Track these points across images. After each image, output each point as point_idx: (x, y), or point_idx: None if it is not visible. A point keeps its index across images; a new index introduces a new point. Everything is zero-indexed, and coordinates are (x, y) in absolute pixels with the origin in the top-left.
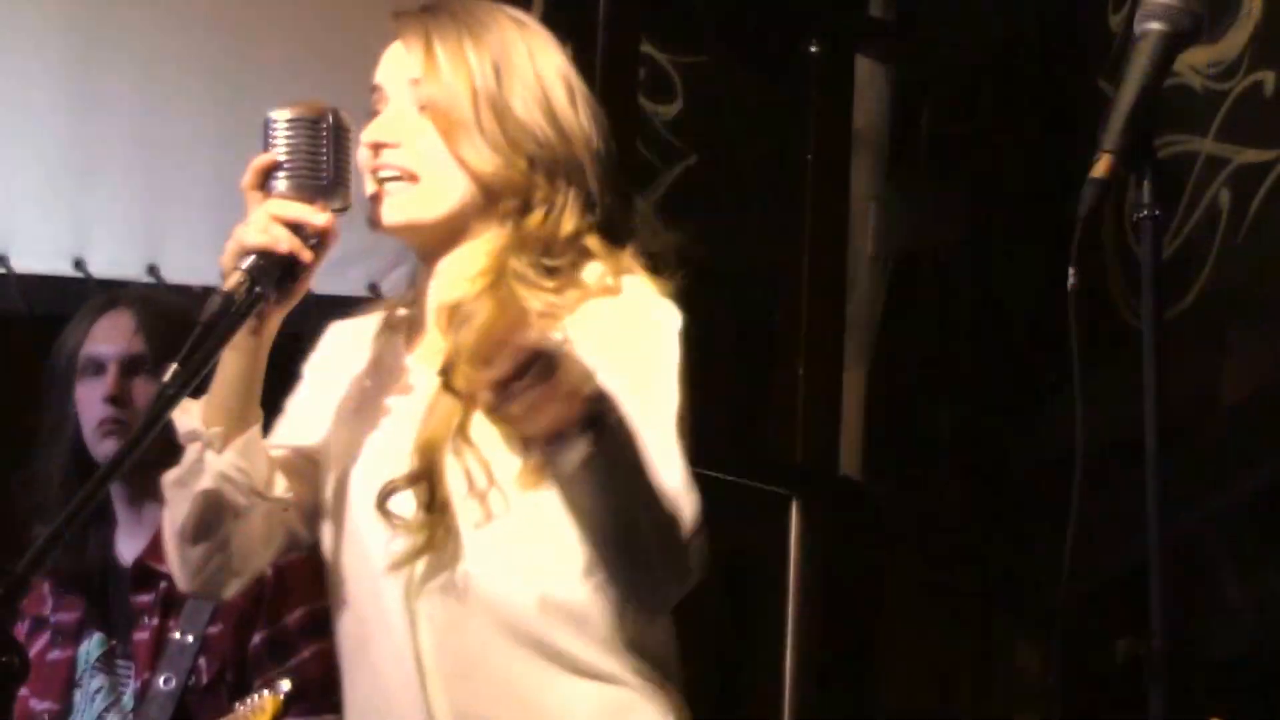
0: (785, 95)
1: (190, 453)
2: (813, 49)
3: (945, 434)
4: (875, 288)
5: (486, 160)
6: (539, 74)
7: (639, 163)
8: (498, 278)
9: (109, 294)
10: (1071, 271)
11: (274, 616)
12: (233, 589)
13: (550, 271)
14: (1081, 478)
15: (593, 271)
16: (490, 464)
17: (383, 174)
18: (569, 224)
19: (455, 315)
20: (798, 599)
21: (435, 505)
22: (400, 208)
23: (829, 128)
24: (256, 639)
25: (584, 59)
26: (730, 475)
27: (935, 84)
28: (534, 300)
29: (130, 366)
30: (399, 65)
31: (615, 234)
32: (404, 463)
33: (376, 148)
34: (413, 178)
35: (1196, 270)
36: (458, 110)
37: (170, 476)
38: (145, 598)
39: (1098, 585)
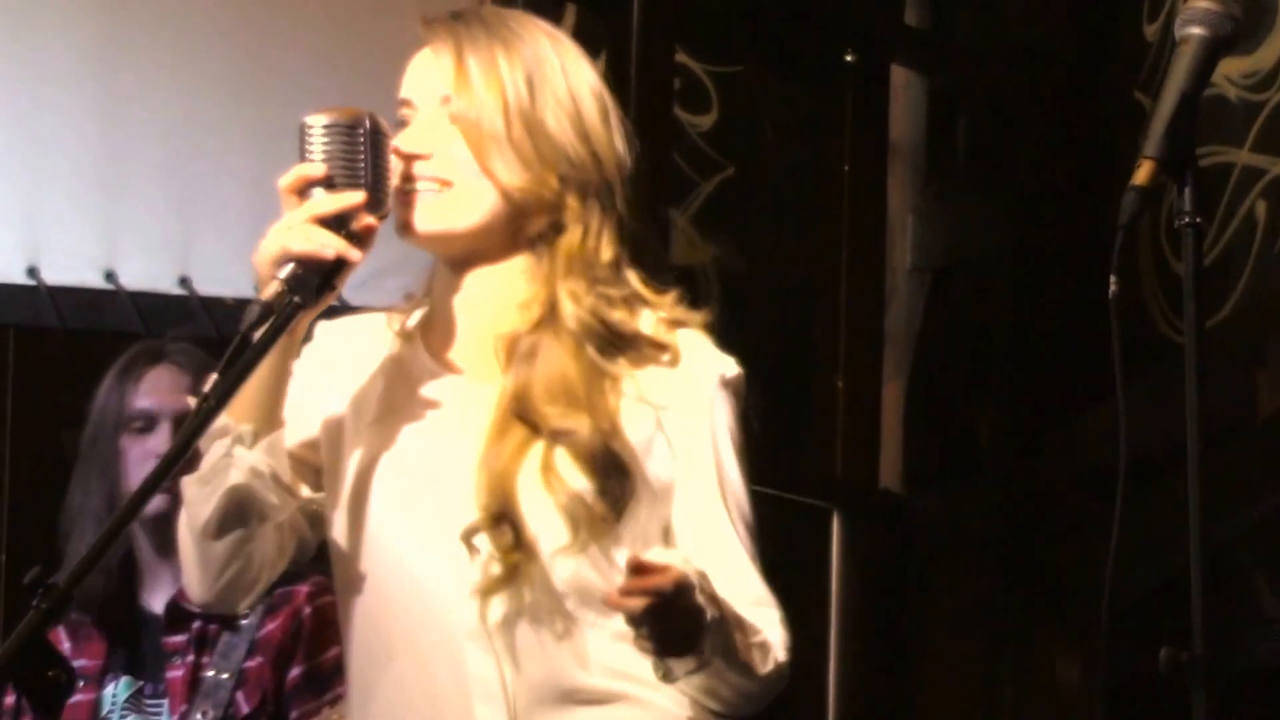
0: (822, 106)
1: (217, 449)
2: (849, 59)
3: (985, 446)
4: (913, 300)
5: (516, 175)
6: (572, 90)
7: (675, 175)
8: (550, 307)
9: (151, 345)
10: (1113, 279)
11: (312, 652)
12: (247, 602)
13: (610, 301)
14: (1125, 487)
15: (646, 321)
16: (585, 500)
17: (416, 184)
18: (608, 249)
19: (514, 347)
20: (839, 612)
21: (521, 547)
22: (433, 216)
23: (865, 139)
24: (294, 672)
25: (619, 70)
26: (770, 489)
27: (972, 94)
28: (579, 322)
29: (182, 423)
30: (428, 75)
31: (649, 263)
32: (465, 487)
33: (408, 159)
34: (446, 184)
35: (1233, 282)
36: (489, 123)
37: (192, 476)
38: (178, 638)
39: (1136, 596)
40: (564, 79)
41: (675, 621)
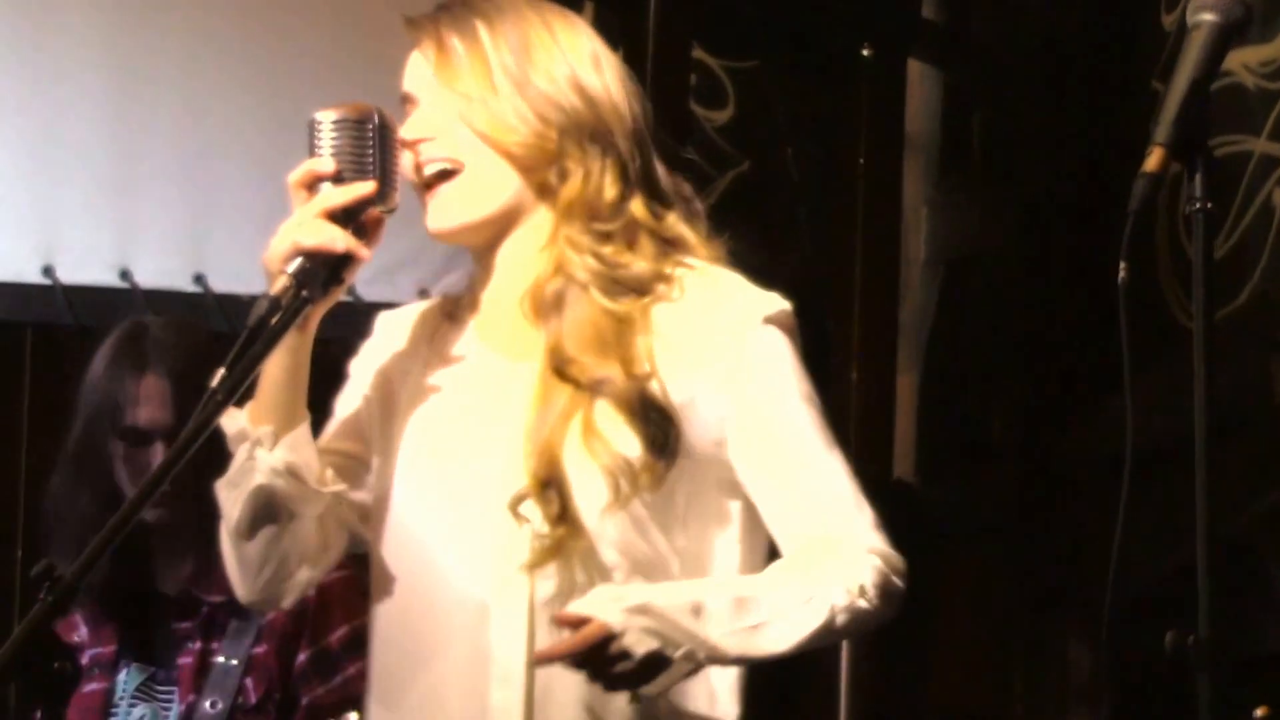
0: (837, 100)
1: (240, 453)
2: (864, 53)
3: (998, 437)
4: (928, 293)
5: (510, 131)
6: (560, 47)
7: (691, 169)
8: (559, 255)
9: (140, 351)
10: (1122, 265)
11: (317, 635)
12: (291, 597)
13: (604, 237)
14: (1130, 475)
15: (645, 250)
16: (629, 460)
17: (427, 170)
18: (611, 190)
19: (540, 300)
20: None
21: (568, 516)
22: (448, 211)
23: (881, 132)
24: (301, 658)
25: (635, 65)
26: None
27: (987, 88)
28: (585, 269)
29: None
30: (421, 66)
31: (661, 199)
32: (511, 459)
33: (413, 145)
34: (456, 164)
35: (1249, 270)
36: (477, 88)
37: (222, 480)
38: (187, 624)
39: (1149, 584)
40: (551, 38)
41: (607, 665)
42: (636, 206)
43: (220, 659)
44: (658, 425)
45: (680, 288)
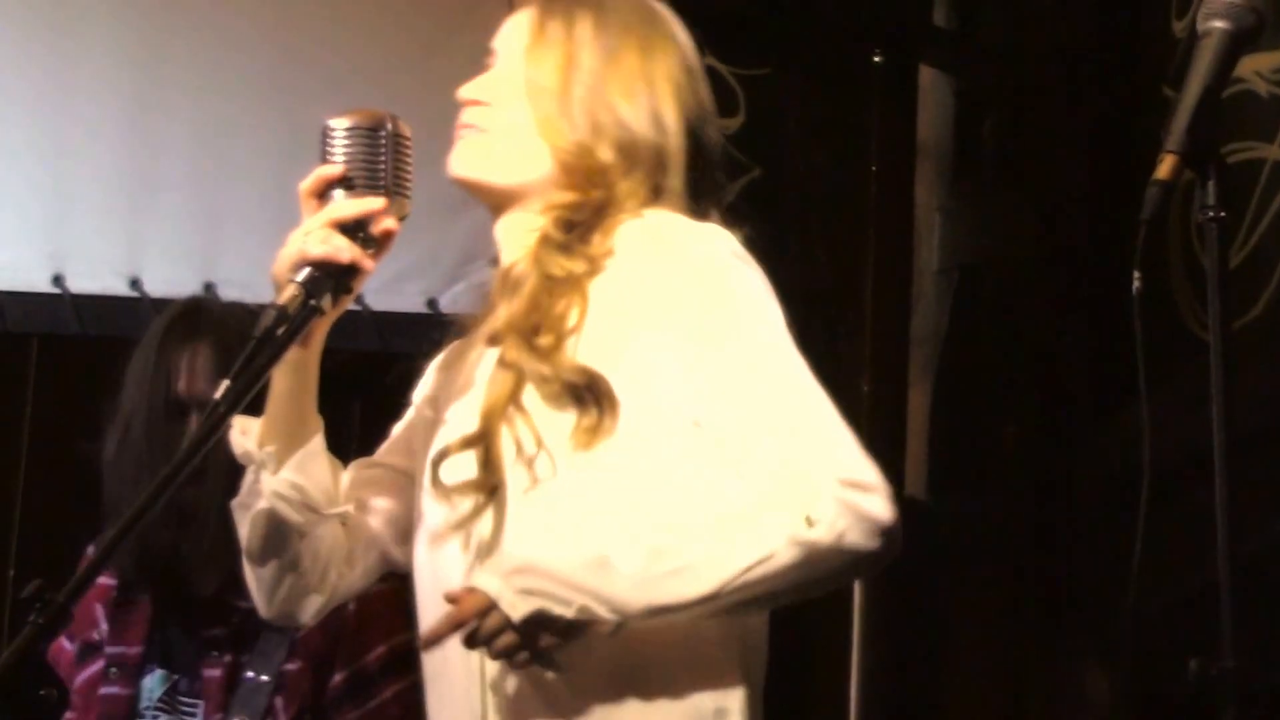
0: (849, 107)
1: (248, 474)
2: (876, 59)
3: (1012, 450)
4: (940, 301)
5: (565, 137)
6: (650, 68)
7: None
8: (539, 246)
9: (193, 324)
10: (1136, 275)
11: (353, 655)
12: (313, 610)
13: (569, 225)
14: (1149, 492)
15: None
16: (540, 430)
17: (462, 130)
18: (628, 204)
19: (507, 282)
20: (863, 619)
21: (490, 465)
22: (466, 161)
23: (893, 139)
24: (336, 678)
25: None
26: None
27: (999, 94)
28: (565, 261)
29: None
30: (515, 29)
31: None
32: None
33: (465, 103)
34: (483, 130)
35: (1265, 279)
36: (549, 78)
37: (235, 501)
38: (217, 630)
39: (1168, 605)
40: (643, 55)
41: (493, 637)
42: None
43: (250, 674)
44: (583, 391)
45: (612, 241)
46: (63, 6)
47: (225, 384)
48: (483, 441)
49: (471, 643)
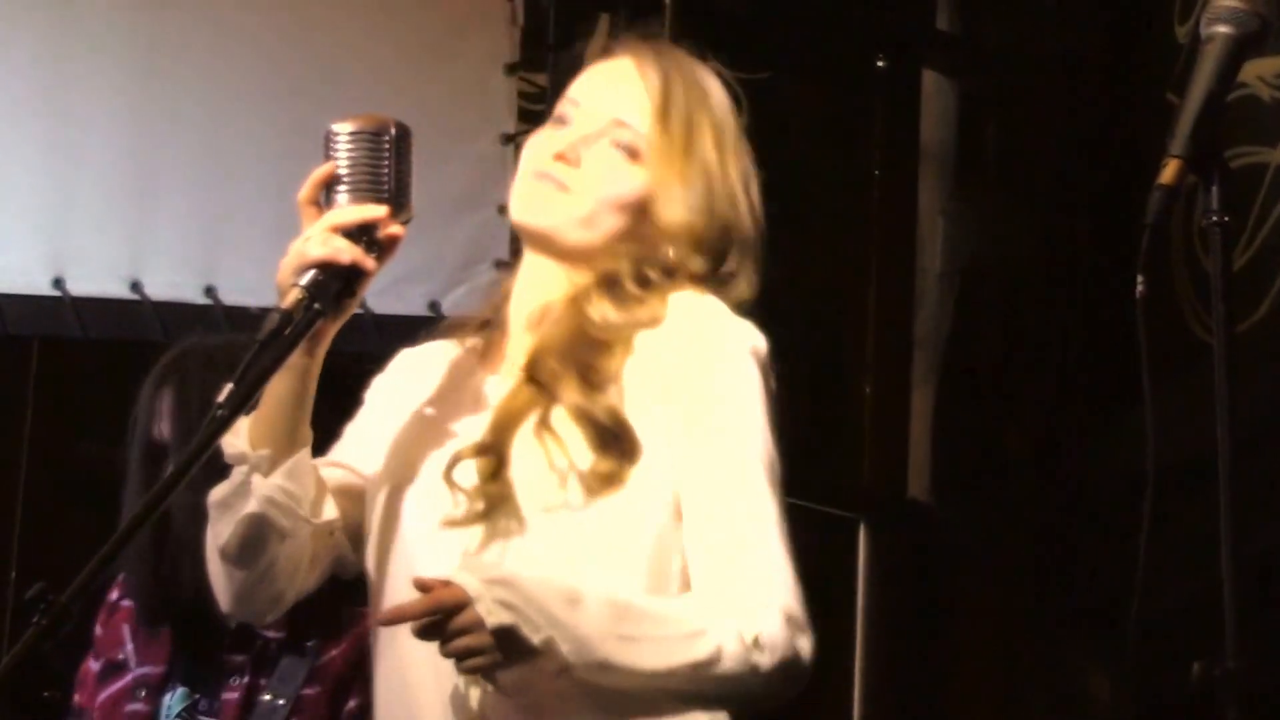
0: (852, 111)
1: (237, 474)
2: (879, 64)
3: (1014, 453)
4: (943, 304)
5: (679, 217)
6: (744, 160)
7: None
8: (590, 287)
9: (177, 363)
10: (1140, 279)
11: (370, 683)
12: (276, 611)
13: (643, 280)
14: (1153, 495)
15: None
16: (572, 458)
17: (545, 181)
18: (739, 288)
19: (544, 316)
20: (866, 622)
21: (499, 476)
22: (549, 213)
23: (896, 143)
24: (351, 704)
25: None
26: (797, 499)
27: (1002, 98)
28: (612, 310)
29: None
30: (612, 94)
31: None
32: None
33: (557, 158)
34: (565, 189)
35: (1268, 282)
36: (677, 164)
37: (216, 496)
38: (239, 657)
39: (1171, 608)
40: (740, 146)
41: (458, 635)
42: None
43: (267, 697)
44: (611, 433)
45: (665, 312)
46: (65, 11)
47: (229, 387)
48: (495, 451)
49: (430, 633)
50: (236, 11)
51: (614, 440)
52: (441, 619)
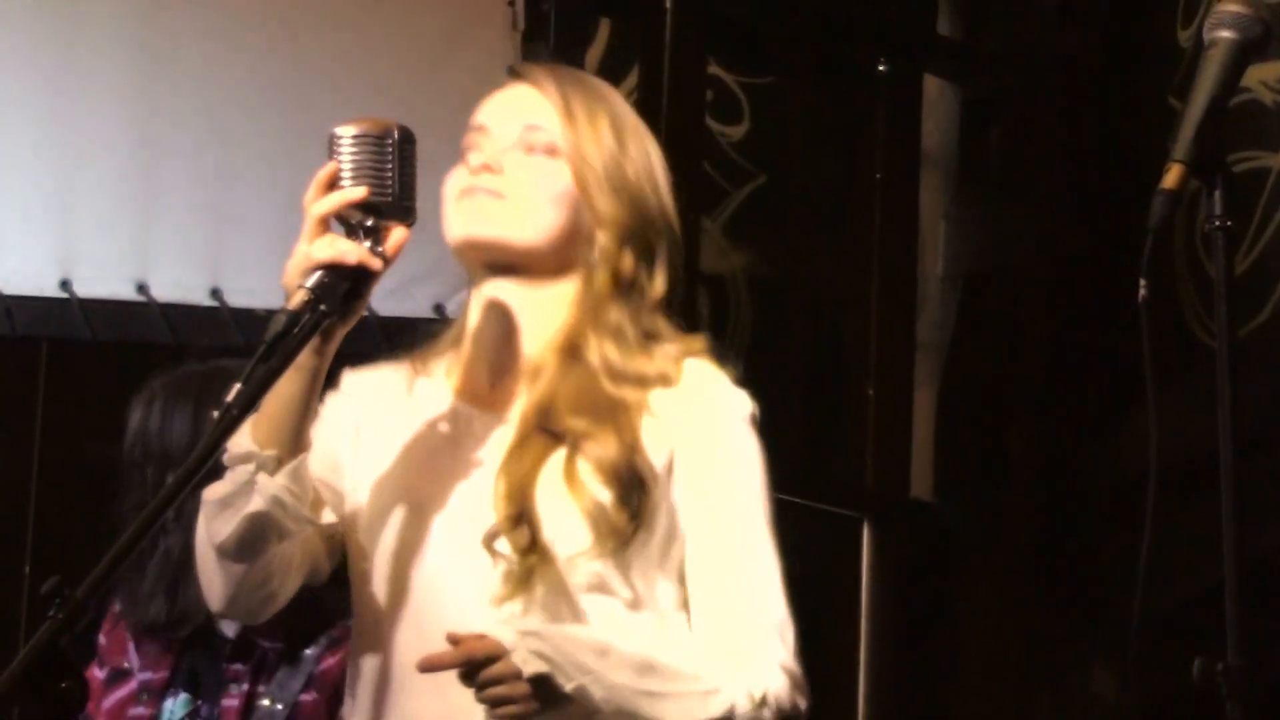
0: (853, 115)
1: (240, 473)
2: (881, 68)
3: (1017, 455)
4: (945, 308)
5: (611, 204)
6: (647, 151)
7: (707, 184)
8: (578, 335)
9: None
10: (1142, 283)
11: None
12: (266, 614)
13: (647, 336)
14: (1155, 493)
15: (664, 354)
16: (606, 508)
17: (475, 192)
18: (660, 286)
19: (541, 369)
20: (870, 622)
21: (536, 550)
22: (490, 221)
23: (897, 147)
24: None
25: (652, 80)
26: (800, 499)
27: (1004, 102)
28: (616, 355)
29: None
30: (515, 107)
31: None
32: (478, 504)
33: (481, 168)
34: (500, 196)
35: (1270, 286)
36: (591, 158)
37: (213, 493)
38: (240, 666)
39: (1174, 606)
40: (639, 140)
41: (495, 683)
42: (663, 322)
43: (265, 702)
44: (636, 493)
45: (678, 378)
46: (70, 13)
47: (237, 387)
48: (528, 523)
49: (470, 681)
50: (240, 15)
51: (637, 503)
52: (476, 668)
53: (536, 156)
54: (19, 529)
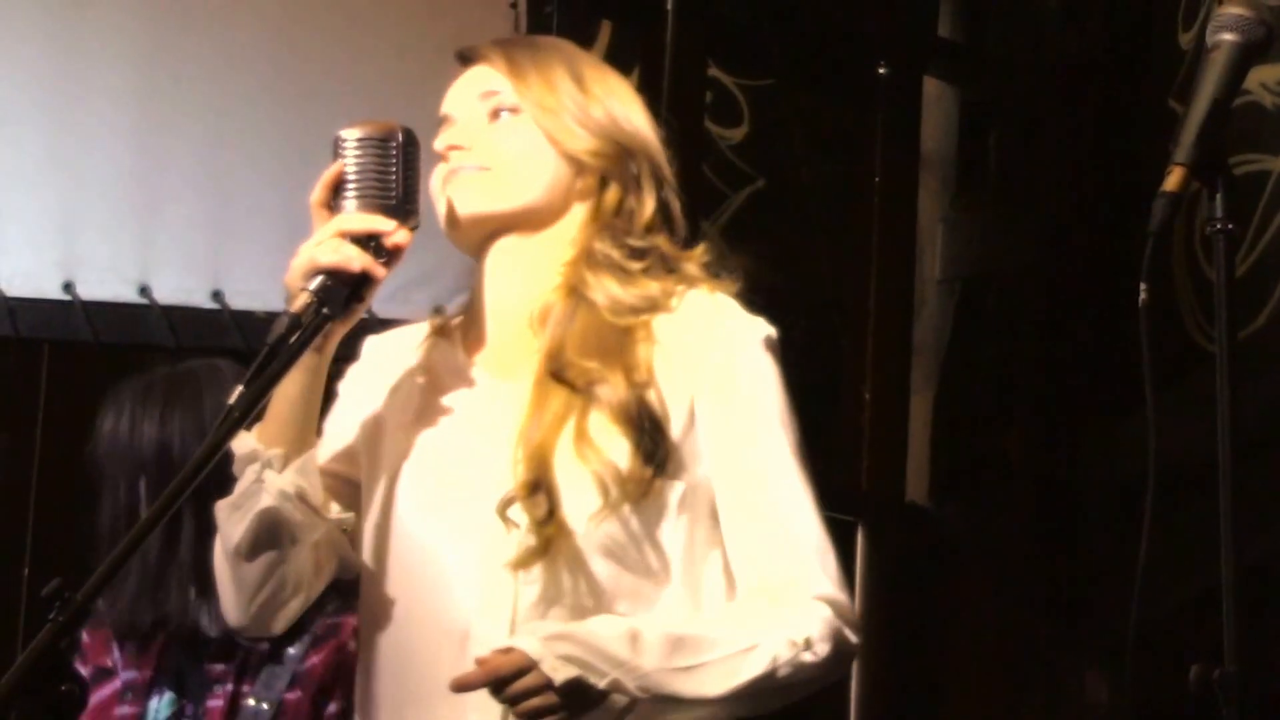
0: (852, 118)
1: (248, 475)
2: (880, 71)
3: (1013, 459)
4: (943, 311)
5: (582, 140)
6: (610, 87)
7: (706, 187)
8: (579, 268)
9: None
10: (1143, 287)
11: (351, 689)
12: (282, 624)
13: (638, 254)
14: (1153, 498)
15: (664, 276)
16: (618, 468)
17: (457, 171)
18: (647, 208)
19: (549, 314)
20: (864, 624)
21: (554, 518)
22: (484, 194)
23: (896, 150)
24: (332, 708)
25: (652, 83)
26: None
27: (1003, 106)
28: (618, 287)
29: None
30: (467, 87)
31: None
32: (498, 471)
33: (448, 150)
34: (484, 168)
35: (1268, 290)
36: (549, 101)
37: (224, 501)
38: (222, 666)
39: (1169, 612)
40: (601, 77)
41: (528, 696)
42: (663, 240)
43: (250, 702)
44: (650, 435)
45: (680, 300)
46: (74, 19)
47: (239, 389)
48: (545, 491)
49: (501, 696)
50: (242, 19)
51: (653, 444)
52: (505, 683)
53: (502, 120)
54: (19, 531)
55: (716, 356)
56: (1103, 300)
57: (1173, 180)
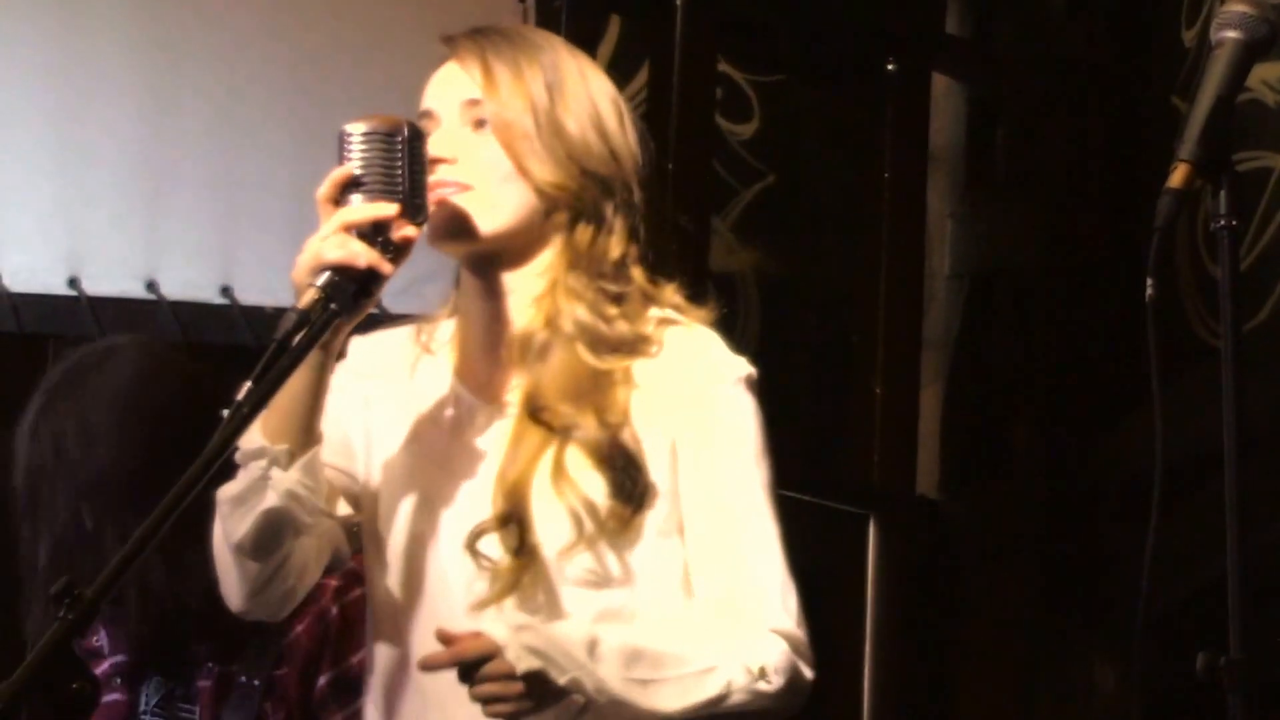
0: (862, 113)
1: (253, 469)
2: (889, 67)
3: (1022, 452)
4: (952, 306)
5: (548, 171)
6: (590, 94)
7: (716, 183)
8: (555, 303)
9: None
10: (1150, 282)
11: (339, 657)
12: (287, 609)
13: (603, 295)
14: (1160, 491)
15: (648, 320)
16: (594, 504)
17: (439, 191)
18: (617, 246)
19: (526, 348)
20: (875, 619)
21: (525, 550)
22: (454, 226)
23: (905, 146)
24: (322, 680)
25: (662, 79)
26: (806, 495)
27: (1011, 101)
28: (593, 328)
29: None
30: (451, 86)
31: (659, 265)
32: (483, 501)
33: (435, 163)
34: (465, 187)
35: (1271, 285)
36: (519, 123)
37: (227, 492)
38: (204, 646)
39: (1176, 603)
40: (583, 84)
41: (499, 684)
42: (637, 273)
43: (242, 679)
44: (626, 473)
45: (660, 343)
46: (79, 11)
47: (247, 386)
48: (517, 523)
49: (467, 679)
50: (250, 13)
51: (630, 482)
52: (471, 666)
53: (485, 132)
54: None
55: (695, 394)
56: (1110, 294)
57: (1178, 176)
